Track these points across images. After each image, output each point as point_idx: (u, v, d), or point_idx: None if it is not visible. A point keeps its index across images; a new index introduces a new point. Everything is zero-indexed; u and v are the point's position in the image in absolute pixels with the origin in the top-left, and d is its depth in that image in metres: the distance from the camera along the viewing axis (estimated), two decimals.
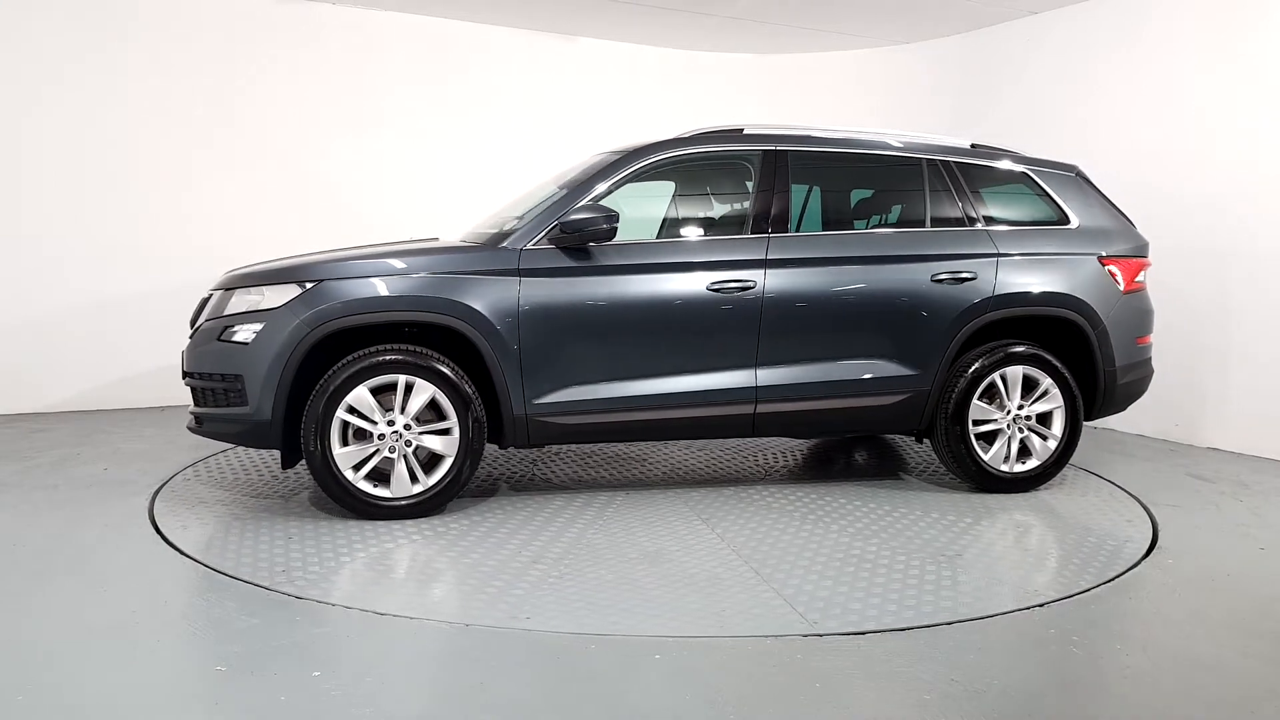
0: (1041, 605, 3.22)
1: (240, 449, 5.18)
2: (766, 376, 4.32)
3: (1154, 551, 3.83)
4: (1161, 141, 6.00)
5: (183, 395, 4.24)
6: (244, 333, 3.91)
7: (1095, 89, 6.39)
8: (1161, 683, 2.68)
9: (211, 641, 2.84)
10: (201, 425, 4.07)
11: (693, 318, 4.24)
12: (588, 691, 2.58)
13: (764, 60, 8.19)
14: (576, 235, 4.07)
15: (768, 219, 4.38)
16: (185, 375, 4.13)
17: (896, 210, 4.79)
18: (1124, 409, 4.91)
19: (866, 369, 4.44)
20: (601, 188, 4.25)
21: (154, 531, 3.82)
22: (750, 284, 4.27)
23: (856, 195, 4.88)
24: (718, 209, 4.73)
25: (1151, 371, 4.95)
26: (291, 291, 3.92)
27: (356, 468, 3.93)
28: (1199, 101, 5.79)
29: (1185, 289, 5.86)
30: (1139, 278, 4.83)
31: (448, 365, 3.95)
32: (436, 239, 4.78)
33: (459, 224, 5.30)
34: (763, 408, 4.34)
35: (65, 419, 6.00)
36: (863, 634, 2.95)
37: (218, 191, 6.54)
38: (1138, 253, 4.87)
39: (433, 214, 6.25)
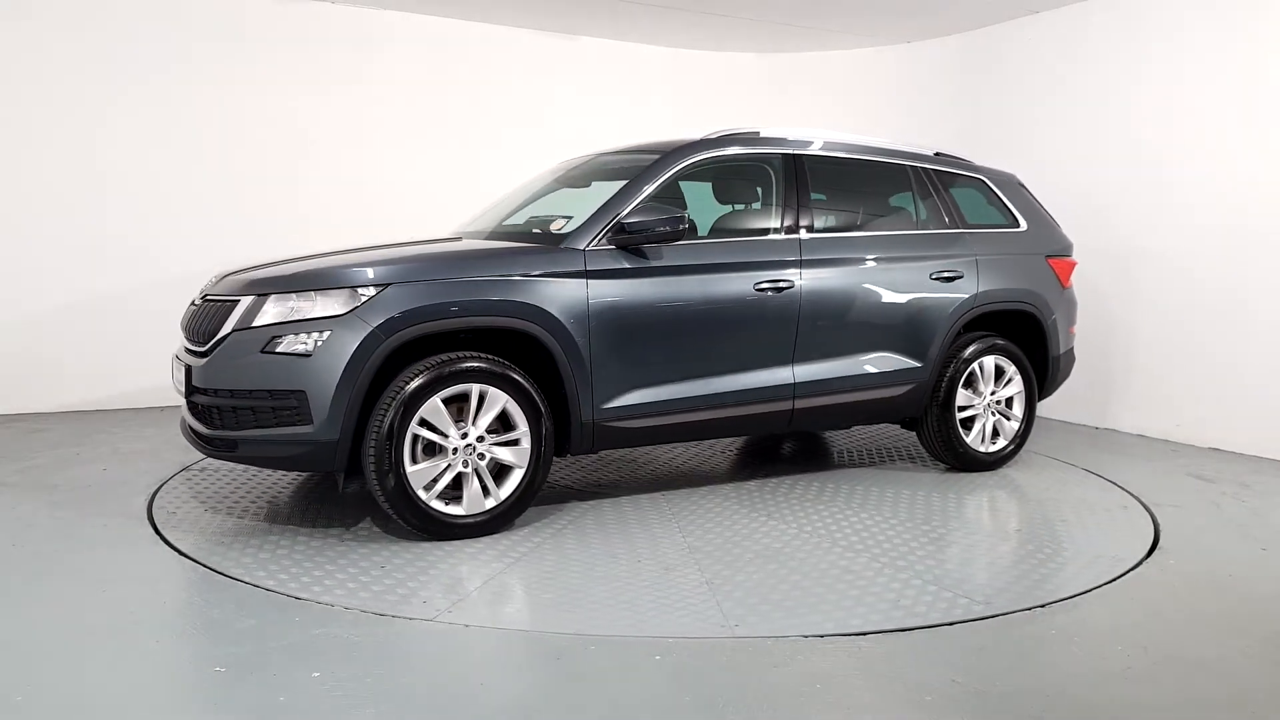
0: (1042, 606, 3.21)
1: None
2: (802, 373, 4.47)
3: (1155, 551, 3.82)
4: (1163, 140, 5.99)
5: (178, 394, 4.08)
6: (300, 343, 3.52)
7: (1095, 89, 6.38)
8: (1161, 683, 2.68)
9: (210, 642, 2.83)
10: (235, 450, 3.63)
11: (743, 317, 4.32)
12: (588, 692, 2.58)
13: (765, 59, 8.19)
14: (642, 235, 4.02)
15: (797, 220, 4.53)
16: (200, 393, 3.68)
17: (895, 213, 5.04)
18: (1053, 392, 5.44)
19: (882, 362, 4.72)
20: (650, 188, 4.22)
21: (153, 532, 3.81)
22: (789, 284, 4.40)
23: (862, 198, 5.05)
24: (751, 210, 4.77)
25: (1075, 358, 5.51)
26: (352, 296, 3.59)
27: (427, 486, 3.66)
28: (1200, 101, 5.78)
29: (1188, 288, 5.86)
30: (1071, 275, 5.39)
31: (519, 372, 3.77)
32: (460, 239, 4.71)
33: (458, 223, 5.30)
34: (799, 403, 4.49)
35: (65, 419, 6.00)
36: (863, 634, 2.95)
37: (217, 190, 6.53)
38: (1068, 252, 5.44)
39: (433, 213, 6.23)
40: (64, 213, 6.16)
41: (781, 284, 4.38)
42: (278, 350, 3.53)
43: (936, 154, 5.23)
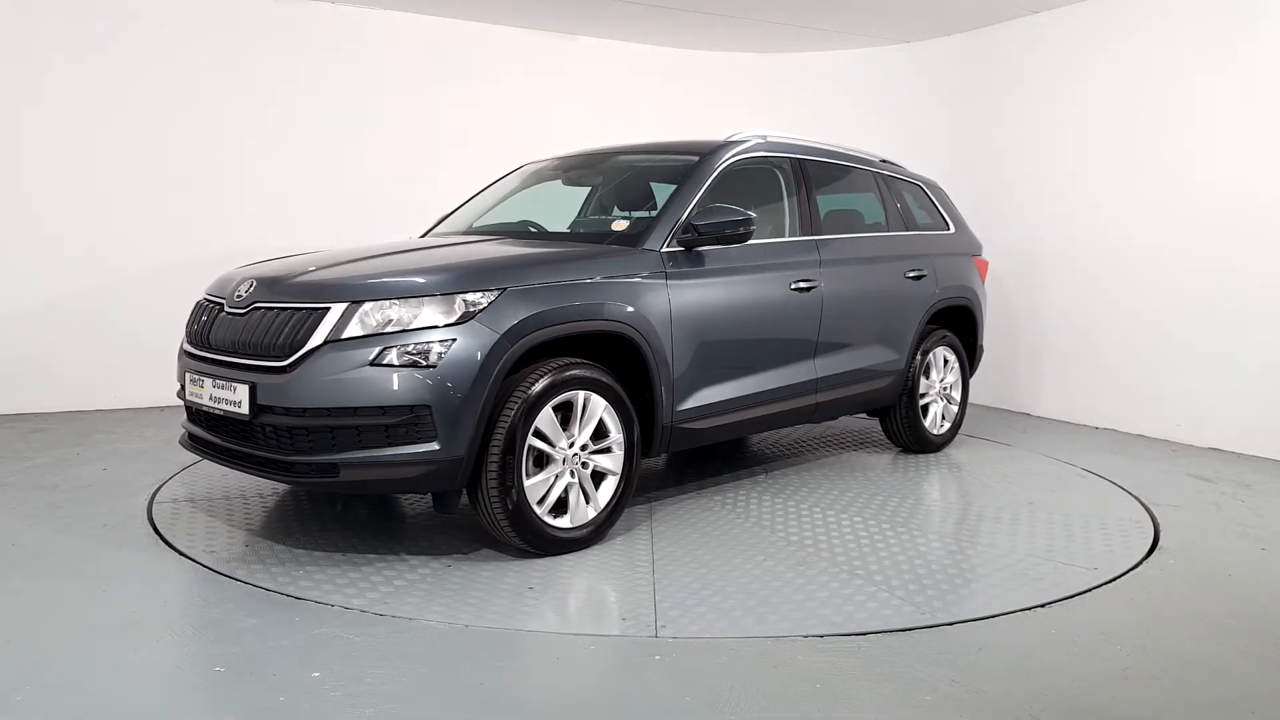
0: (1042, 605, 3.21)
1: None
2: (821, 367, 4.70)
3: (1154, 551, 3.82)
4: (1165, 139, 5.99)
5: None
6: (420, 353, 3.25)
7: (1095, 89, 6.38)
8: (1161, 683, 2.68)
9: (210, 642, 2.83)
10: (335, 475, 3.25)
11: (783, 316, 4.48)
12: (587, 691, 2.58)
13: (764, 59, 8.19)
14: (713, 237, 4.03)
15: (811, 223, 4.74)
16: (274, 413, 3.29)
17: (872, 216, 5.31)
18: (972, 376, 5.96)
19: (876, 355, 5.03)
20: (702, 190, 4.23)
21: (153, 532, 3.81)
22: (814, 284, 4.58)
23: (849, 201, 5.29)
24: (773, 213, 4.86)
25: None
26: (460, 302, 3.34)
27: (540, 501, 3.50)
28: (1198, 101, 5.78)
29: (1189, 287, 5.86)
30: (986, 273, 5.98)
31: (612, 377, 3.68)
32: (494, 239, 4.58)
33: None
34: (820, 397, 4.71)
35: (65, 419, 6.00)
36: (863, 634, 2.95)
37: (217, 191, 6.54)
38: (981, 252, 5.94)
39: (432, 213, 6.24)
40: (63, 213, 6.16)
41: (807, 284, 4.54)
42: (392, 362, 3.22)
43: (883, 160, 5.54)
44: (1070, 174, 6.55)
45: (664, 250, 3.98)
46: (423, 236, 4.95)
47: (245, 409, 3.35)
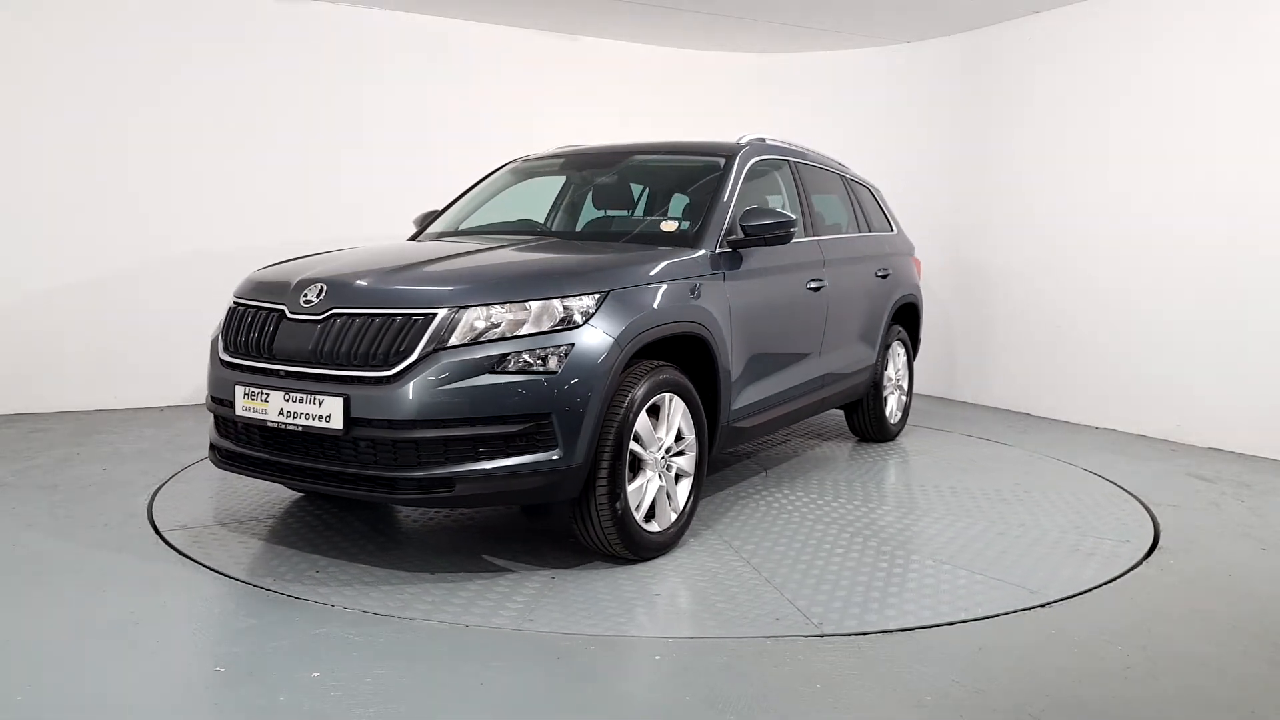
0: (1042, 605, 3.22)
1: None
2: (826, 364, 4.85)
3: (1155, 551, 3.83)
4: (1166, 138, 5.99)
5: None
6: (540, 359, 3.14)
7: (1095, 88, 6.38)
8: (1161, 683, 2.68)
9: (210, 642, 2.84)
10: (451, 488, 3.08)
11: (804, 314, 4.62)
12: (588, 691, 2.58)
13: (765, 59, 8.19)
14: (760, 238, 4.05)
15: (812, 224, 4.86)
16: (375, 426, 3.07)
17: (840, 217, 5.42)
18: None
19: (858, 351, 5.26)
20: (737, 192, 4.24)
21: (153, 532, 3.81)
22: (823, 283, 4.73)
23: (828, 203, 5.36)
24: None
25: None
26: (561, 306, 3.25)
27: (638, 506, 3.44)
28: (1199, 99, 5.78)
29: (1190, 287, 5.86)
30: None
31: (687, 378, 3.65)
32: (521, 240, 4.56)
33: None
34: (824, 392, 4.90)
35: (65, 419, 6.00)
36: (863, 634, 2.95)
37: (217, 191, 6.54)
38: (914, 252, 6.17)
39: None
40: (63, 212, 6.15)
41: (817, 284, 4.69)
42: (512, 369, 3.11)
43: (838, 163, 5.65)
44: (1070, 174, 6.55)
45: (716, 252, 3.98)
46: (413, 236, 4.89)
47: (337, 423, 3.10)
